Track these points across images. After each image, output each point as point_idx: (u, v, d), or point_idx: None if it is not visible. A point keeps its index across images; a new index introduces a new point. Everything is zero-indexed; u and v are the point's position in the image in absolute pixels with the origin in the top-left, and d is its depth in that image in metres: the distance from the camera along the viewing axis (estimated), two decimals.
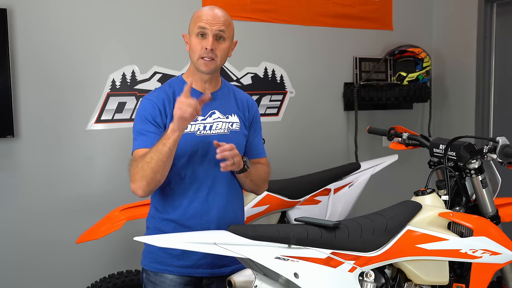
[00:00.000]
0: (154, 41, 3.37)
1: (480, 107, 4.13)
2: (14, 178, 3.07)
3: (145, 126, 1.99)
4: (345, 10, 4.03)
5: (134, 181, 1.91)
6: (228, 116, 2.09)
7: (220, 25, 1.99)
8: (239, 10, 3.60)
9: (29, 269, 3.12)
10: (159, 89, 2.09)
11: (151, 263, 2.06)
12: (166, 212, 2.04)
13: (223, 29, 2.00)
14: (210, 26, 1.98)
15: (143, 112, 2.01)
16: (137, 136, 2.01)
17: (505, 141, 2.36)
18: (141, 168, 1.88)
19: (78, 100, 3.20)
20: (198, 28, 1.99)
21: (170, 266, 2.02)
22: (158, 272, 2.04)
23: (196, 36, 2.00)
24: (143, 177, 1.88)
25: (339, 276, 1.93)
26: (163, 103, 2.01)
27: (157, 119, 1.99)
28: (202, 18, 1.99)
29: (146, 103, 2.03)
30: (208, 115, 2.05)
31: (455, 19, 4.28)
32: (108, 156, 3.30)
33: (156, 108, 2.00)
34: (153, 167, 1.86)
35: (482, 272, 2.23)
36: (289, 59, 3.85)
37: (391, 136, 2.84)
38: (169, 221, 2.03)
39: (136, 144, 2.00)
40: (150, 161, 1.87)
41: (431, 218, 2.18)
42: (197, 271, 2.03)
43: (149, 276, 2.07)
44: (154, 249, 2.00)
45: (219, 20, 2.00)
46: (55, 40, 3.12)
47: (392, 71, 4.14)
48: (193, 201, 2.02)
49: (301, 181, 3.10)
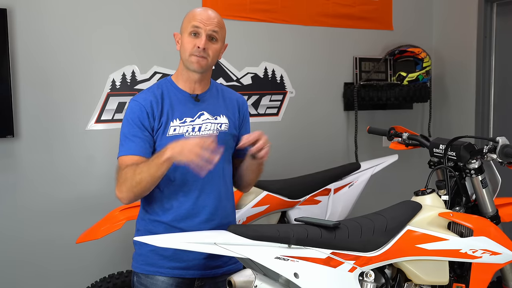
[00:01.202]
0: (154, 41, 3.37)
1: (480, 107, 4.13)
2: (14, 178, 3.07)
3: (131, 130, 1.98)
4: (345, 10, 4.03)
5: (121, 191, 1.92)
6: (217, 117, 2.08)
7: (214, 26, 2.00)
8: (239, 10, 3.60)
9: (29, 269, 3.12)
10: (147, 90, 2.08)
11: (141, 266, 2.04)
12: (156, 214, 2.03)
13: (217, 30, 2.01)
14: (204, 25, 1.98)
15: (131, 115, 2.00)
16: (124, 141, 1.99)
17: (505, 141, 2.36)
18: (130, 183, 1.89)
19: (78, 100, 3.20)
20: (192, 27, 1.99)
21: (161, 268, 2.01)
22: (149, 275, 2.02)
23: (189, 35, 2.00)
24: (130, 191, 1.90)
25: (339, 276, 1.93)
26: (151, 105, 1.99)
27: (144, 122, 1.98)
28: (196, 17, 2.00)
29: (133, 105, 2.01)
30: (196, 116, 2.04)
31: (455, 19, 4.28)
32: (108, 156, 3.29)
33: (143, 110, 1.98)
34: (143, 186, 1.89)
35: (482, 272, 2.23)
36: (289, 59, 3.85)
37: (391, 136, 2.85)
38: (160, 222, 2.02)
39: (122, 150, 1.98)
40: (140, 181, 1.88)
41: (431, 218, 2.18)
42: (188, 272, 2.02)
43: (140, 279, 2.05)
44: (145, 251, 2.00)
45: (213, 21, 2.00)
46: (55, 40, 3.12)
47: (392, 71, 4.14)
48: (183, 203, 2.01)
49: (301, 181, 3.10)
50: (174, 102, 2.03)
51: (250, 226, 2.10)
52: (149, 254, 2.01)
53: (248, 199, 2.88)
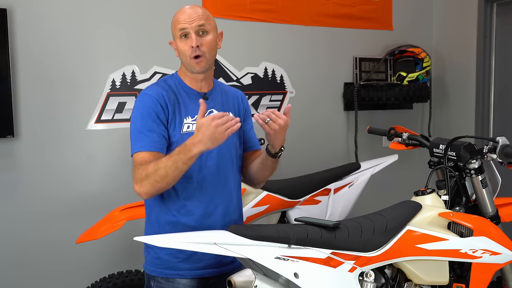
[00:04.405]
0: (154, 41, 3.37)
1: (480, 107, 4.13)
2: (14, 178, 3.07)
3: (147, 124, 1.93)
4: (345, 10, 4.03)
5: (142, 186, 1.87)
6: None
7: (198, 20, 1.98)
8: (239, 10, 3.60)
9: (29, 269, 3.12)
10: (155, 85, 2.05)
11: (160, 269, 2.02)
12: (170, 213, 2.00)
13: (203, 23, 1.99)
14: (189, 24, 1.98)
15: (144, 109, 1.95)
16: (138, 136, 1.93)
17: (505, 141, 2.36)
18: (153, 178, 1.85)
19: (78, 100, 3.20)
20: (179, 31, 1.99)
21: (181, 270, 1.99)
22: (170, 278, 2.00)
23: (180, 39, 2.00)
24: (153, 185, 1.86)
25: (339, 276, 1.93)
26: (163, 97, 1.97)
27: (160, 115, 1.94)
28: (179, 20, 2.00)
29: (146, 98, 1.97)
30: (207, 114, 2.04)
31: (455, 19, 4.28)
32: (108, 156, 3.30)
33: (157, 103, 1.95)
34: (168, 180, 1.86)
35: (482, 272, 2.23)
36: (289, 59, 3.85)
37: (391, 136, 2.84)
38: (174, 222, 1.99)
39: (139, 146, 1.92)
40: (165, 175, 1.84)
41: (431, 218, 2.18)
42: (207, 272, 2.02)
43: (159, 284, 2.01)
44: (162, 255, 1.99)
45: (196, 16, 1.99)
46: (55, 40, 3.12)
47: (392, 71, 4.14)
48: (199, 201, 1.99)
49: (301, 181, 3.10)
50: (185, 99, 2.02)
51: (250, 226, 2.10)
52: (168, 257, 1.99)
53: (248, 199, 2.88)
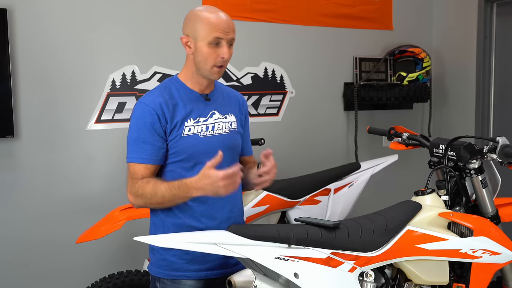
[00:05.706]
0: (154, 41, 3.37)
1: (480, 107, 4.13)
2: (14, 178, 3.07)
3: (142, 134, 1.93)
4: (345, 10, 4.03)
5: (135, 201, 1.96)
6: (227, 116, 2.09)
7: (233, 33, 1.97)
8: (239, 10, 3.60)
9: (29, 269, 3.12)
10: (154, 91, 2.02)
11: (166, 271, 2.01)
12: (174, 216, 2.00)
13: (234, 37, 1.99)
14: (225, 35, 1.94)
15: (140, 119, 1.94)
16: (133, 146, 1.95)
17: (505, 141, 2.36)
18: (149, 201, 1.92)
19: (78, 100, 3.20)
20: (213, 38, 1.93)
21: (187, 272, 1.99)
22: (176, 279, 2.00)
23: (210, 45, 1.94)
24: (147, 205, 1.97)
25: (339, 276, 1.93)
26: (161, 106, 1.94)
27: (155, 126, 1.93)
28: (217, 27, 1.93)
29: (142, 108, 1.95)
30: (209, 115, 2.04)
31: (455, 19, 4.28)
32: (108, 156, 3.29)
33: (153, 114, 1.93)
34: (162, 206, 1.96)
35: (482, 272, 2.23)
36: (289, 59, 3.85)
37: (391, 136, 2.84)
38: (179, 224, 1.99)
39: (133, 157, 1.94)
40: (161, 203, 1.92)
41: (431, 218, 2.18)
42: (212, 273, 2.02)
43: (165, 285, 2.01)
44: (168, 256, 1.99)
45: (232, 28, 1.97)
46: (55, 40, 3.12)
47: (392, 71, 4.14)
48: (202, 203, 1.99)
49: (301, 181, 3.10)
50: (186, 102, 2.00)
51: (250, 226, 2.10)
52: (173, 258, 1.99)
53: (248, 199, 2.88)
